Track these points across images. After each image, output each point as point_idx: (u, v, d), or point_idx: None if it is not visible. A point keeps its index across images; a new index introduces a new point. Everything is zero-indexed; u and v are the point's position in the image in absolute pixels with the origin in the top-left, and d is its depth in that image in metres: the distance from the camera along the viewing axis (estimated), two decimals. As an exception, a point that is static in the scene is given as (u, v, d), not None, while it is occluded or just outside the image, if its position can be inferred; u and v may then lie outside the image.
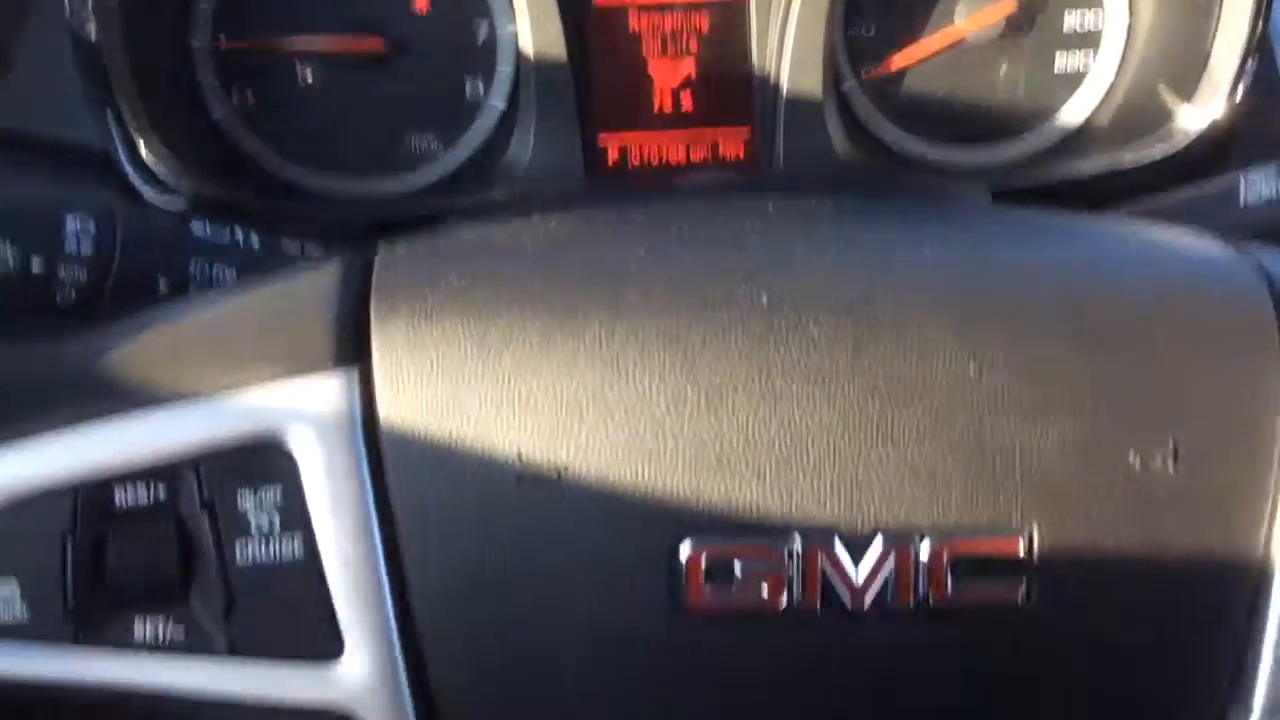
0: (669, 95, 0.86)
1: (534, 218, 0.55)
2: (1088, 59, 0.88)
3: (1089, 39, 0.88)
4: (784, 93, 0.84)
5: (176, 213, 0.70)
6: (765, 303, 0.49)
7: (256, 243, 0.69)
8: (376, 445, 0.48)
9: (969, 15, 0.86)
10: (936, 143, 0.88)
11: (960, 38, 0.86)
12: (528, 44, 0.82)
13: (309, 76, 0.85)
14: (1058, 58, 0.88)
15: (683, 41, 0.86)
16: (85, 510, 0.48)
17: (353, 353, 0.48)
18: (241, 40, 0.84)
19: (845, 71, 0.86)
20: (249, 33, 0.84)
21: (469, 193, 0.84)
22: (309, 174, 0.85)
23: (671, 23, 0.85)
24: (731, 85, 0.85)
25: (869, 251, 0.52)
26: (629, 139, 0.86)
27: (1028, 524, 0.48)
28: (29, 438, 0.48)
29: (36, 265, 0.57)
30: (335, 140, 0.85)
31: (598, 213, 0.57)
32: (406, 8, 0.85)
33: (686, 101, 0.86)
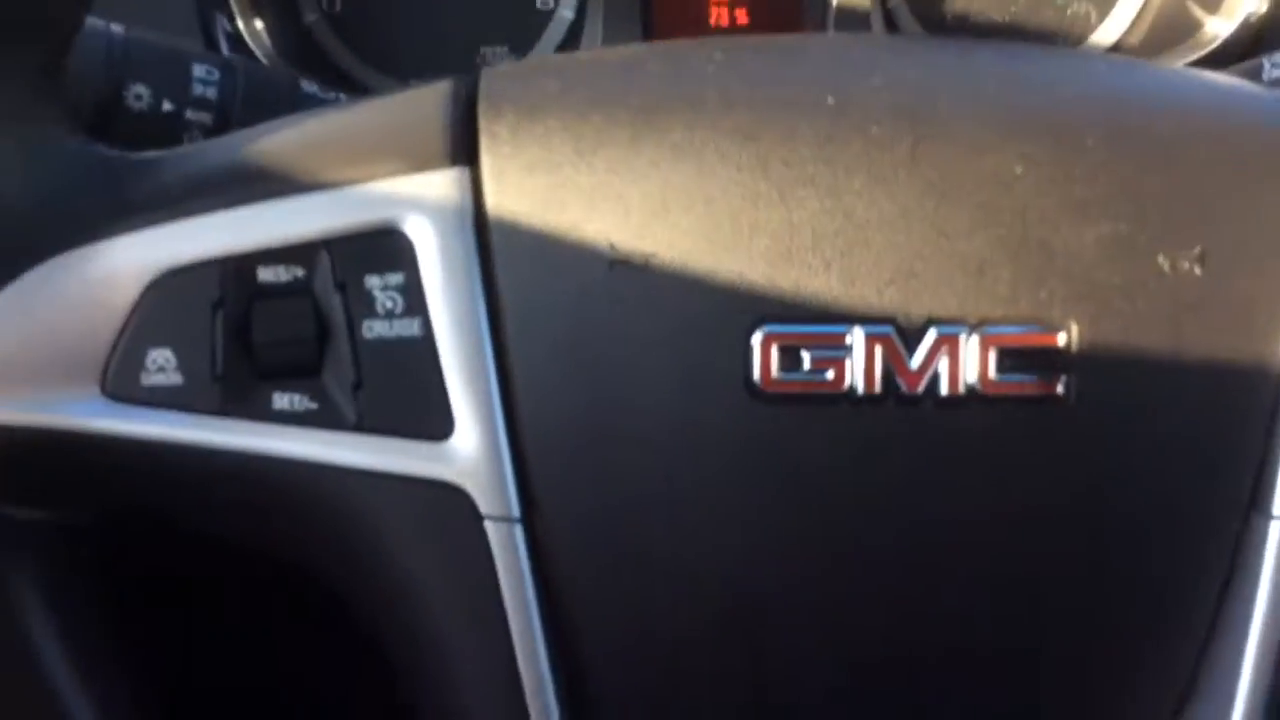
0: (725, 9, 0.93)
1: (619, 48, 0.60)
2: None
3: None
4: (833, 8, 0.89)
5: (289, 71, 0.76)
6: (831, 104, 0.52)
7: None
8: (485, 236, 0.52)
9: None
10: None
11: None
12: None
13: (391, -13, 0.91)
14: None
15: (740, -43, 0.92)
16: (233, 284, 0.52)
17: (465, 153, 0.52)
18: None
19: (891, -13, 0.92)
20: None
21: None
22: (390, 81, 0.91)
23: (730, -62, 0.92)
24: (784, 1, 0.92)
25: (926, 68, 0.56)
26: (688, 49, 0.92)
27: (1067, 319, 0.51)
28: (183, 217, 0.52)
29: (167, 105, 0.63)
30: (414, 50, 0.91)
31: (678, 42, 0.62)
32: None
33: (741, 15, 0.93)
